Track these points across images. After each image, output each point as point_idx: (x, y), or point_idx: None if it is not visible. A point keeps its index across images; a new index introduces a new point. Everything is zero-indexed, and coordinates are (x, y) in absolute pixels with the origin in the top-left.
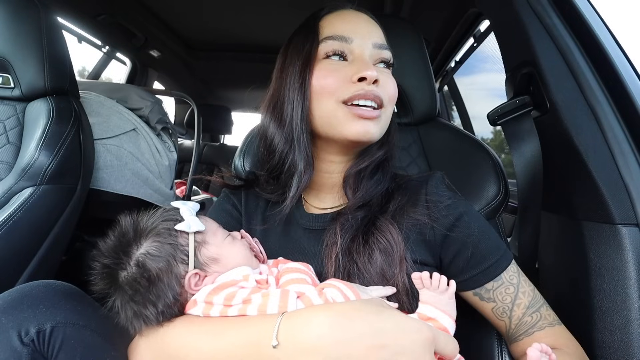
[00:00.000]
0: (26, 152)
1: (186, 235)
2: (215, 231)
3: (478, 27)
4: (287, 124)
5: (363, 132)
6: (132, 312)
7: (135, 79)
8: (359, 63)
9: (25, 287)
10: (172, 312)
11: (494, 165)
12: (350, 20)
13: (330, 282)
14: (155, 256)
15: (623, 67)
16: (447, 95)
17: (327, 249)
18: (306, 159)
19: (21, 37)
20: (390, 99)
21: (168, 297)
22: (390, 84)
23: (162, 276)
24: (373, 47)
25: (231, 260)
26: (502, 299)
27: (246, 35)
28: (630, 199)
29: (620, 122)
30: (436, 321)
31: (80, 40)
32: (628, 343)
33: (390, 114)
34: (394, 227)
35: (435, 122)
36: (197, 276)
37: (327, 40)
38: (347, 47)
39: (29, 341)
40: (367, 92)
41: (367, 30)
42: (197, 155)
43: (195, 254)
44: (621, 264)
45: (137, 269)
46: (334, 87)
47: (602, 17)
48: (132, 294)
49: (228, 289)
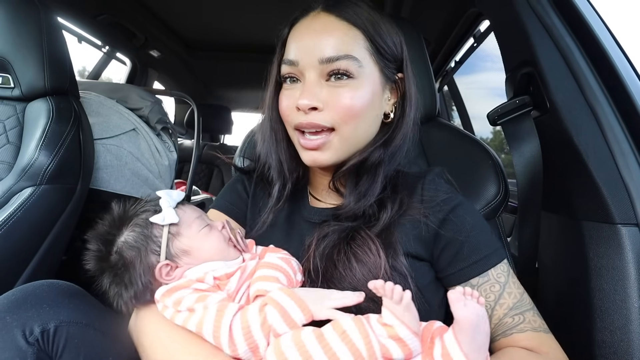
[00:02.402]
0: (26, 152)
1: (160, 227)
2: (190, 223)
3: (478, 27)
4: (262, 136)
5: (311, 160)
6: (114, 292)
7: (135, 79)
8: (302, 87)
9: (28, 286)
10: (145, 299)
11: (494, 165)
12: (301, 35)
13: (277, 298)
14: (131, 245)
15: (623, 67)
16: (447, 95)
17: (305, 250)
18: (279, 168)
19: (21, 37)
20: (343, 117)
21: (138, 284)
22: (340, 100)
23: (135, 264)
24: (320, 63)
25: (203, 252)
26: (485, 296)
27: (246, 35)
28: (630, 198)
29: (620, 122)
30: (392, 328)
31: (80, 40)
32: (628, 343)
33: (350, 131)
34: (374, 240)
35: (435, 122)
36: (169, 267)
37: (283, 63)
38: (296, 69)
39: (34, 340)
40: (304, 122)
41: (313, 44)
42: (197, 155)
43: (167, 245)
44: (621, 264)
45: (117, 255)
46: (286, 113)
47: (602, 17)
48: (113, 277)
49: (178, 292)
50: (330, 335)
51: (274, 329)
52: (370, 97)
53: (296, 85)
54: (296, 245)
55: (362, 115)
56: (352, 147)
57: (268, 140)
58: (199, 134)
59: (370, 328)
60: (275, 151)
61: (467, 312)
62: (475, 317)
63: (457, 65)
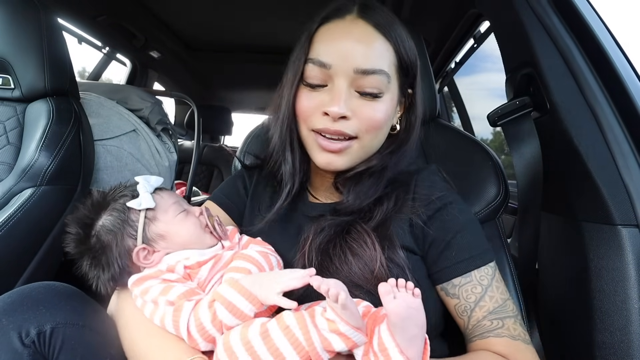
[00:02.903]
0: (26, 153)
1: (137, 212)
2: (167, 208)
3: (478, 28)
4: (279, 135)
5: (325, 163)
6: (93, 275)
7: (135, 79)
8: (332, 93)
9: (25, 288)
10: (122, 281)
11: (494, 166)
12: (337, 39)
13: (223, 292)
14: (109, 229)
15: (623, 67)
16: (447, 96)
17: (300, 243)
18: (292, 170)
19: (21, 38)
20: (368, 129)
21: (115, 267)
22: (368, 113)
23: (112, 247)
24: (354, 72)
25: (178, 238)
26: (466, 297)
27: (246, 35)
28: (630, 199)
29: (620, 123)
30: (333, 323)
31: (81, 41)
32: (628, 344)
33: (369, 140)
34: (370, 234)
35: (435, 123)
36: (146, 250)
37: (310, 62)
38: (326, 73)
39: (30, 342)
40: (330, 128)
41: (351, 52)
42: (197, 156)
43: (144, 229)
44: (621, 265)
45: (95, 238)
46: (306, 115)
47: (602, 17)
48: (92, 259)
49: (147, 282)
50: (275, 331)
51: (224, 324)
52: (392, 111)
53: (321, 88)
54: (292, 240)
55: (383, 127)
56: (365, 155)
57: (284, 140)
58: (199, 135)
59: (313, 322)
60: (290, 152)
61: (395, 305)
62: (405, 310)
63: (457, 66)
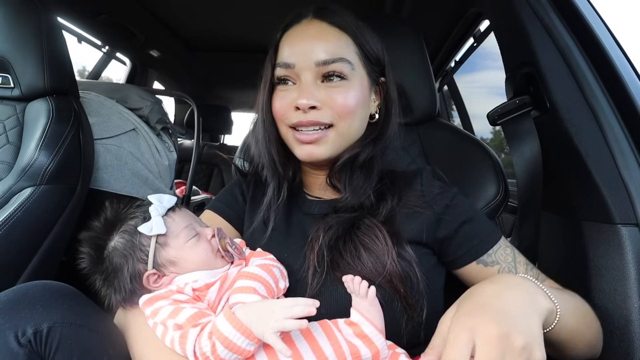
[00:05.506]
0: (26, 152)
1: (148, 237)
2: (178, 233)
3: (478, 27)
4: (259, 139)
5: (306, 155)
6: (106, 292)
7: (135, 78)
8: (300, 88)
9: (22, 287)
10: (133, 302)
11: (493, 165)
12: (295, 41)
13: (220, 327)
14: (120, 252)
15: (623, 67)
16: (447, 95)
17: (310, 243)
18: (272, 167)
19: (21, 37)
20: (341, 114)
21: (126, 290)
22: (337, 99)
23: (124, 271)
24: (316, 65)
25: (189, 263)
26: (504, 259)
27: (246, 35)
28: (630, 198)
29: (620, 122)
30: (357, 326)
31: (80, 40)
32: (628, 343)
33: (345, 128)
34: (380, 228)
35: (435, 122)
36: (156, 275)
37: (277, 66)
38: (291, 72)
39: (26, 342)
40: (304, 120)
41: (310, 49)
42: (197, 155)
43: (154, 255)
44: (621, 264)
45: (107, 261)
46: (281, 113)
47: (602, 17)
48: (104, 280)
49: (157, 303)
50: None
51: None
52: (362, 96)
53: (291, 87)
54: (298, 240)
55: (356, 113)
56: (345, 143)
57: (261, 141)
58: (199, 134)
59: (337, 329)
60: (268, 151)
61: None
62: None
63: (457, 65)
